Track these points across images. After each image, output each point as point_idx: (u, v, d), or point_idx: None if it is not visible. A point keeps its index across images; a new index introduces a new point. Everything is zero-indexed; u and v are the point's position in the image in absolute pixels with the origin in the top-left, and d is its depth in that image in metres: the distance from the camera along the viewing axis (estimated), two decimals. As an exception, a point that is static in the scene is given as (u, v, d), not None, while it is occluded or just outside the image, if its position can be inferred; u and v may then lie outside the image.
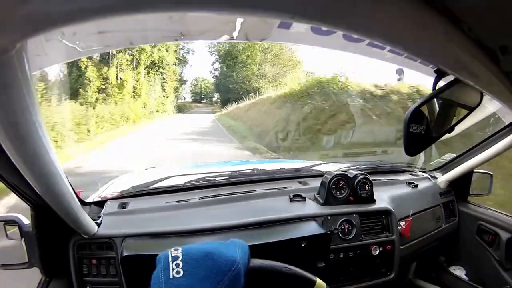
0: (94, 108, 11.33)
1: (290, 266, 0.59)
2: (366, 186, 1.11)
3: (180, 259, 0.48)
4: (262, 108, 12.12)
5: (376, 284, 1.07)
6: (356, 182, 1.10)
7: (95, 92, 12.48)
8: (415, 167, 1.52)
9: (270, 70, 16.95)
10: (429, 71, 1.02)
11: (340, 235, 1.03)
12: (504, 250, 1.22)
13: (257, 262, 0.55)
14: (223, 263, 0.48)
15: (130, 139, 10.04)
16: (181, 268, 0.46)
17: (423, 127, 0.48)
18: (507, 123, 1.14)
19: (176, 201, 1.04)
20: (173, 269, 0.46)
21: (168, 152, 6.72)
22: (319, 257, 0.92)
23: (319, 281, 0.59)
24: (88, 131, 9.83)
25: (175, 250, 0.49)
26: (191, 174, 1.21)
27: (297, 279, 0.58)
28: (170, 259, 0.48)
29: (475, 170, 1.37)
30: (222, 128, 12.74)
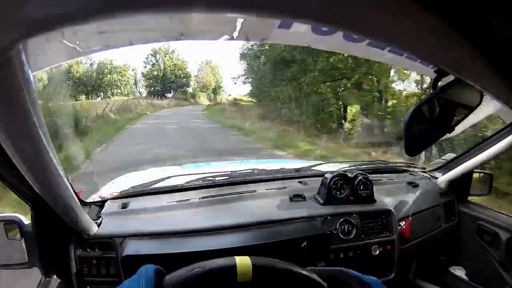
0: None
1: (204, 263, 0.55)
2: (366, 186, 1.11)
3: None
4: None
5: None
6: (356, 182, 1.10)
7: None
8: (415, 167, 1.52)
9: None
10: (429, 71, 1.03)
11: (340, 235, 1.03)
12: (504, 250, 1.21)
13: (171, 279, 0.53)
14: None
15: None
16: None
17: (423, 127, 0.49)
18: (507, 123, 1.14)
19: (176, 201, 1.04)
20: None
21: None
22: (319, 257, 0.92)
23: (239, 260, 0.55)
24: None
25: None
26: (191, 174, 1.21)
27: (216, 272, 0.55)
28: None
29: (475, 170, 1.37)
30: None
